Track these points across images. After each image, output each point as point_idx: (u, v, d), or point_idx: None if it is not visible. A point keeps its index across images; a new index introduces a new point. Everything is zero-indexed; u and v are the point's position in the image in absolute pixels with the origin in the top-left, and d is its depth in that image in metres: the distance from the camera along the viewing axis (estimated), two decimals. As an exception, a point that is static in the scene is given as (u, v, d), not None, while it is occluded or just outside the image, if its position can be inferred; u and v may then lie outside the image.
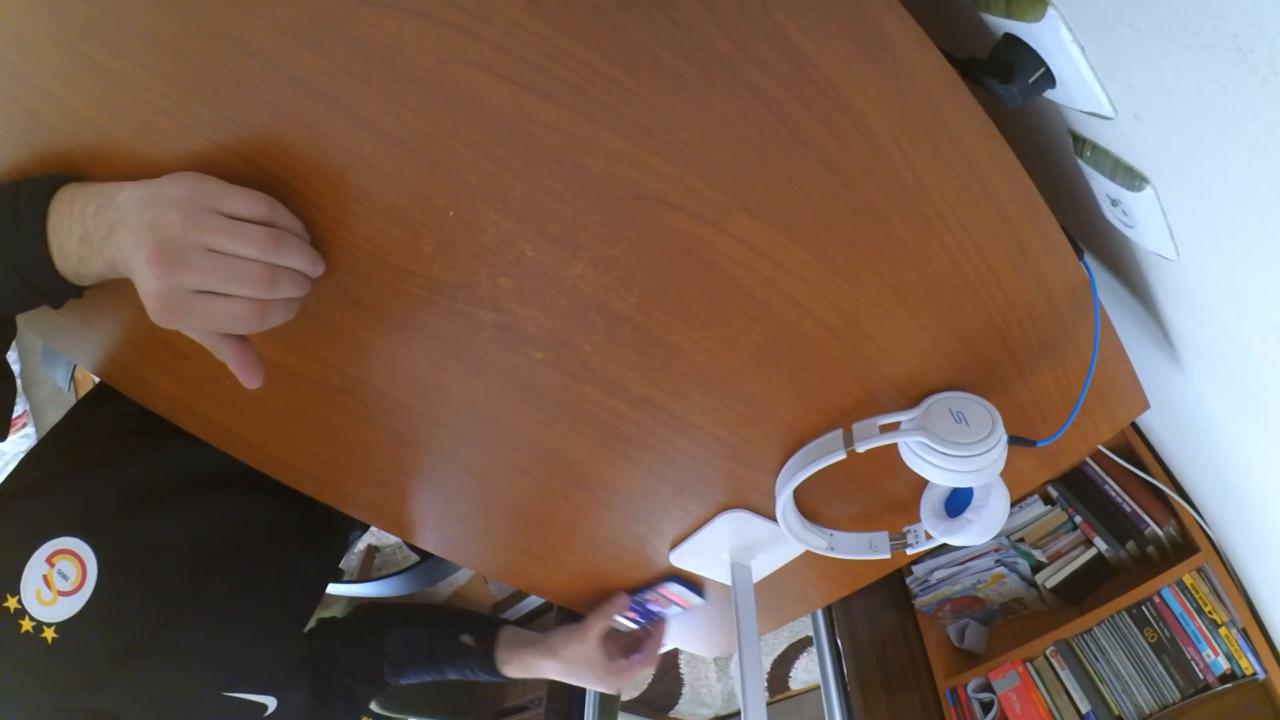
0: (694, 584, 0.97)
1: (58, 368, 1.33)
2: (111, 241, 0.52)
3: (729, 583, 0.97)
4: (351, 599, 2.86)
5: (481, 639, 1.06)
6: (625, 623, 1.00)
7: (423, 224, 0.58)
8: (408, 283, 0.62)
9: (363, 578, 2.43)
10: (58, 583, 0.67)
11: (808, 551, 0.89)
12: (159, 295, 0.50)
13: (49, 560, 0.67)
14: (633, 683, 1.05)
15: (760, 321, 0.67)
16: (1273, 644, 1.50)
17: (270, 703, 0.78)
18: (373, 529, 1.08)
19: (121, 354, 0.72)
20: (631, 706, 2.77)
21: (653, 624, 1.10)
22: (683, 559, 0.98)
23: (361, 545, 3.09)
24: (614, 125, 0.53)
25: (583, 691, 2.58)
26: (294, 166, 0.55)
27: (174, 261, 0.49)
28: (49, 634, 0.65)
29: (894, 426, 0.73)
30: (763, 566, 1.00)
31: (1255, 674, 1.51)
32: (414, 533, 0.93)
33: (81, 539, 0.69)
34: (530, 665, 1.04)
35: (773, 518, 0.88)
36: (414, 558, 1.50)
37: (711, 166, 0.56)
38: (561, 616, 3.03)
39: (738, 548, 0.96)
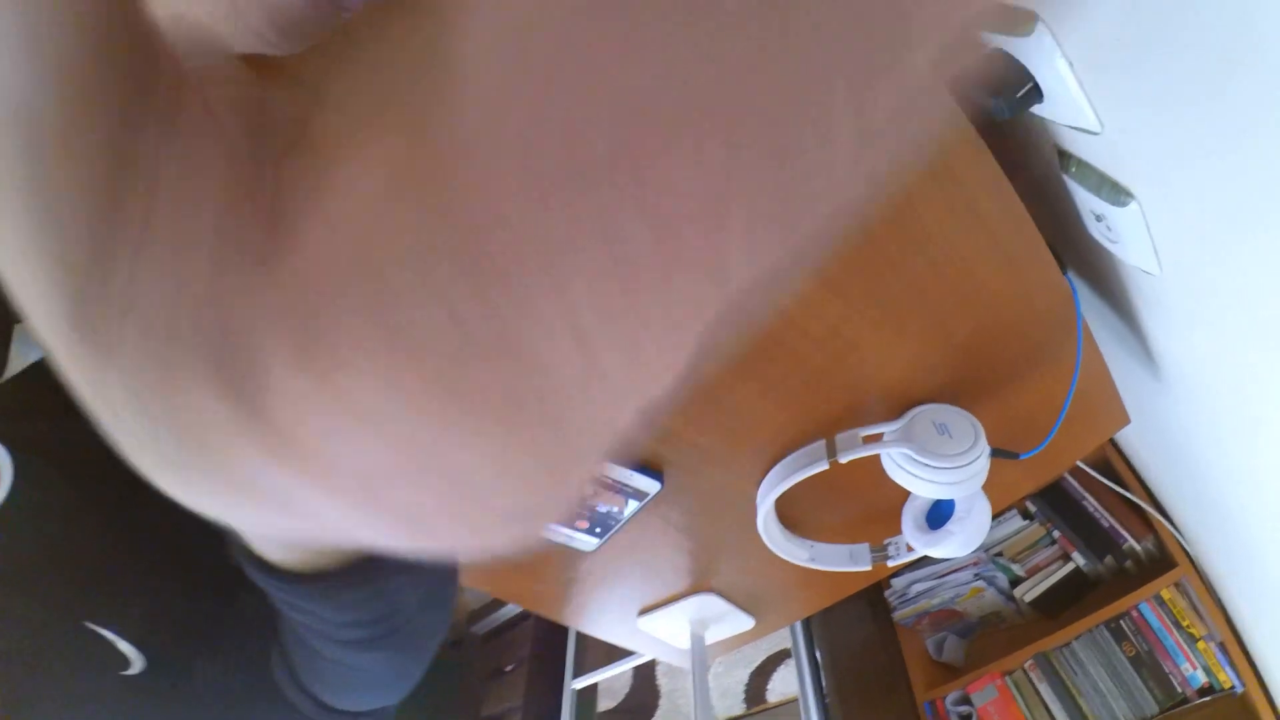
0: (636, 461, 0.80)
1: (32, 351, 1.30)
2: None
3: (687, 647, 1.10)
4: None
5: None
6: (583, 536, 0.90)
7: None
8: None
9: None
10: None
11: (788, 563, 0.89)
12: None
13: None
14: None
15: (744, 331, 0.66)
16: (1250, 658, 1.51)
17: (135, 658, 0.65)
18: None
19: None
20: (608, 716, 2.75)
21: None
22: (649, 622, 1.08)
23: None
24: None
25: (559, 702, 2.57)
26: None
27: None
28: None
29: (877, 438, 0.73)
30: (715, 636, 1.14)
31: (1234, 688, 1.52)
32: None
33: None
34: None
35: (734, 600, 1.02)
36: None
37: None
38: (540, 624, 3.00)
39: (697, 621, 1.07)
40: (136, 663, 0.64)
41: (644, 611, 1.08)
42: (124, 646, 0.64)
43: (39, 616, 0.61)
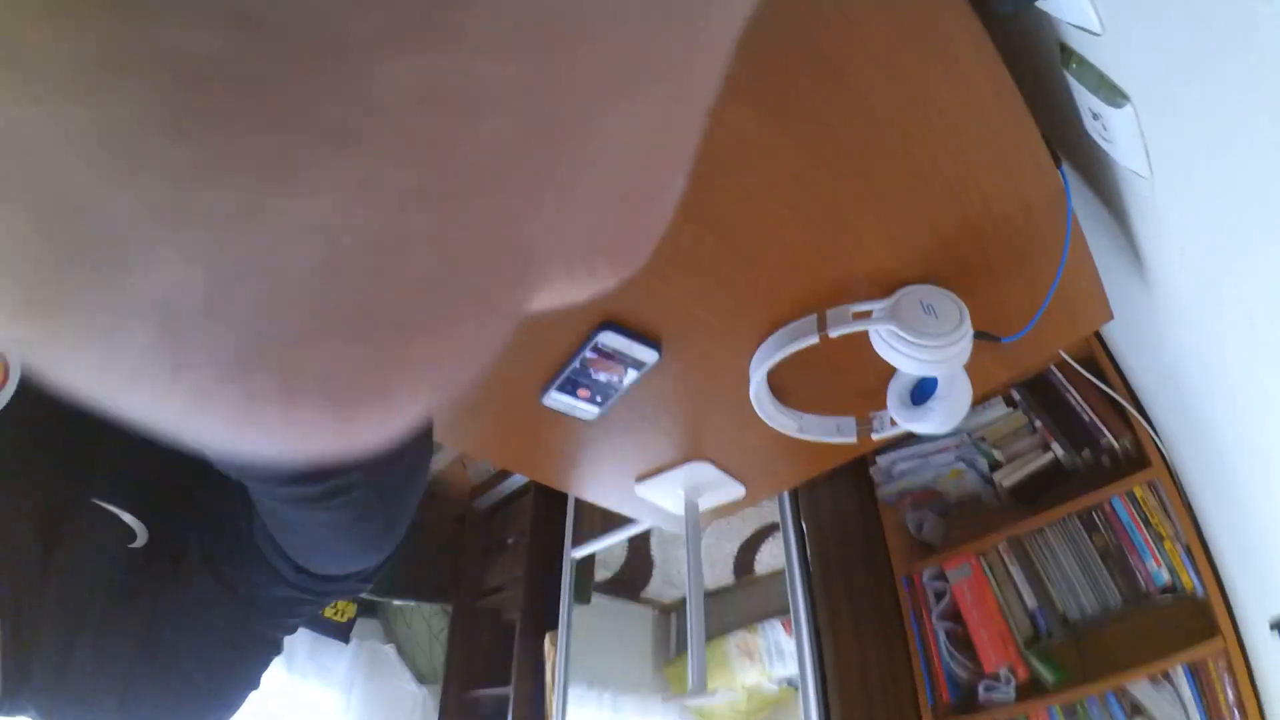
0: (635, 331, 0.83)
1: None
2: None
3: (682, 513, 1.15)
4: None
5: None
6: (584, 405, 0.93)
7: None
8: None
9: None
10: None
11: (778, 433, 0.94)
12: None
13: None
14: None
15: (741, 206, 0.69)
16: (1213, 563, 1.57)
17: (139, 531, 0.69)
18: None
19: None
20: (604, 587, 2.88)
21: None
22: (646, 489, 1.13)
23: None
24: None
25: (558, 572, 2.69)
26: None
27: None
28: None
29: (866, 314, 0.76)
30: (708, 503, 1.19)
31: (1195, 590, 1.59)
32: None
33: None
34: None
35: (726, 468, 1.06)
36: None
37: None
38: (539, 499, 3.09)
39: (690, 488, 1.12)
40: (141, 535, 0.68)
41: (641, 478, 1.14)
42: (129, 519, 0.68)
43: (46, 494, 0.64)
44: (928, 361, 0.73)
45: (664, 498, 1.17)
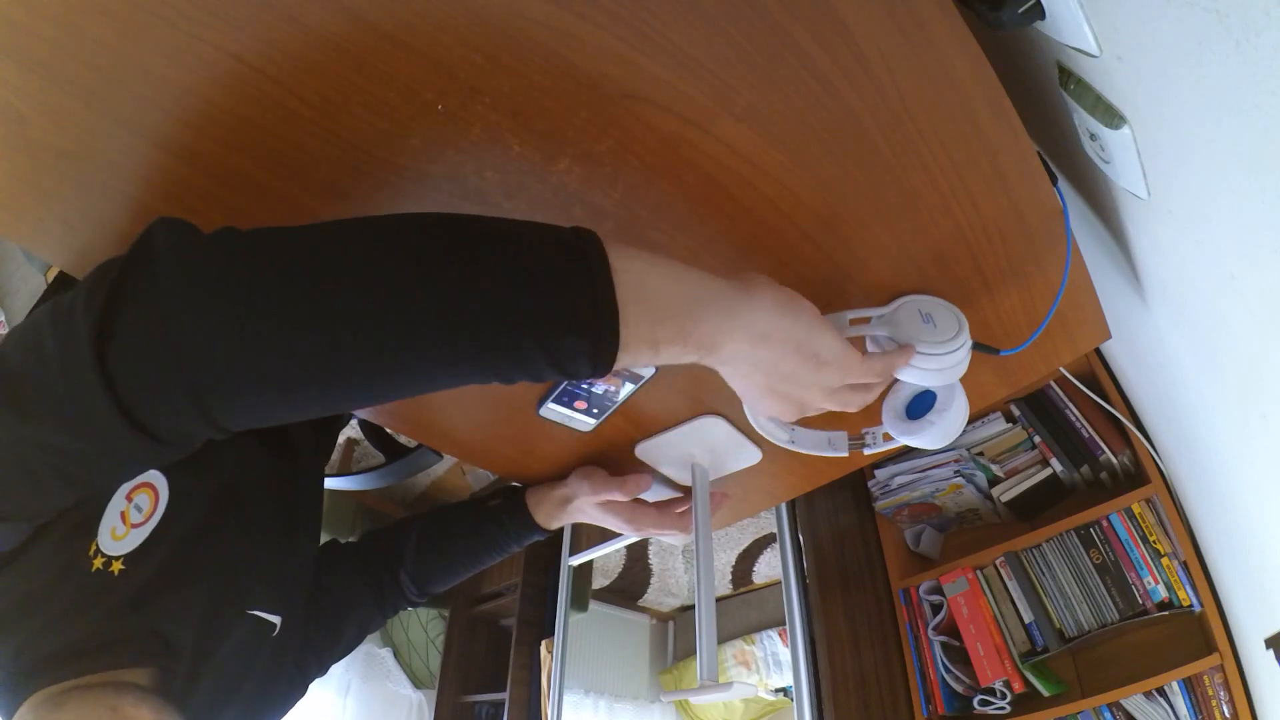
0: None
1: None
2: (714, 358, 0.58)
3: (688, 482, 1.06)
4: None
5: (508, 496, 1.06)
6: (580, 417, 0.94)
7: (410, 118, 0.58)
8: (394, 176, 0.63)
9: (342, 471, 2.46)
10: (133, 516, 0.67)
11: (772, 447, 0.93)
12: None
13: (128, 496, 0.68)
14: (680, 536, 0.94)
15: (739, 222, 0.69)
16: (1210, 580, 1.57)
17: (277, 621, 0.80)
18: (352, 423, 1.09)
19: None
20: (602, 595, 2.89)
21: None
22: (647, 453, 1.04)
23: (341, 439, 3.14)
24: (604, 24, 0.53)
25: (555, 579, 2.69)
26: (280, 61, 0.54)
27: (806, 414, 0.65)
28: (117, 567, 0.65)
29: (865, 321, 0.75)
30: (719, 470, 1.08)
31: (1192, 606, 1.59)
32: (401, 423, 0.96)
33: (159, 470, 0.70)
34: (564, 503, 1.02)
35: (741, 427, 0.97)
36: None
37: (699, 70, 0.57)
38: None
39: (700, 451, 1.02)
40: (278, 624, 0.80)
41: (643, 439, 1.09)
42: (270, 617, 0.79)
43: (206, 611, 0.71)
44: (926, 370, 0.72)
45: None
